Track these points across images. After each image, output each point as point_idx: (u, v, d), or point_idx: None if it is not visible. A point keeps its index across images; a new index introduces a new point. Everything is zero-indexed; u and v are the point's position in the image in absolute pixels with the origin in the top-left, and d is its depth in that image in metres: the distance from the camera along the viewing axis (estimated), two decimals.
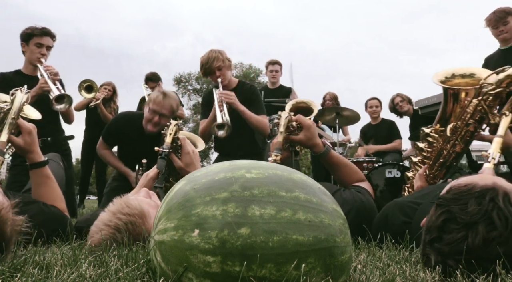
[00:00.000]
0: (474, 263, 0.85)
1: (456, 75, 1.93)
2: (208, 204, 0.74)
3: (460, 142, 1.76)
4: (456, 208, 0.91)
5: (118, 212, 1.22)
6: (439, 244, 0.91)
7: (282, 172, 0.83)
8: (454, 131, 1.76)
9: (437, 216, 0.93)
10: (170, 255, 0.74)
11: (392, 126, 4.86)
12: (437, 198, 1.35)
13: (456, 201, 0.93)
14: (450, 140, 1.79)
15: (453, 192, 0.97)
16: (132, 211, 1.23)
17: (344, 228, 0.81)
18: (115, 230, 1.19)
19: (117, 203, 1.27)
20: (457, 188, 0.97)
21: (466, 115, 1.68)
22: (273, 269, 0.70)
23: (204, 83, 29.16)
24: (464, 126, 1.71)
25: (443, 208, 0.93)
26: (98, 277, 0.82)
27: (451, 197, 0.95)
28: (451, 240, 0.89)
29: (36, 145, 1.67)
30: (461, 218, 0.89)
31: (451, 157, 1.83)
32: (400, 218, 1.42)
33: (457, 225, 0.89)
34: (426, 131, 1.96)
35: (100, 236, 1.18)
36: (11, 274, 0.84)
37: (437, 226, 0.92)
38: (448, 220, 0.91)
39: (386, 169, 3.89)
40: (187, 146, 1.91)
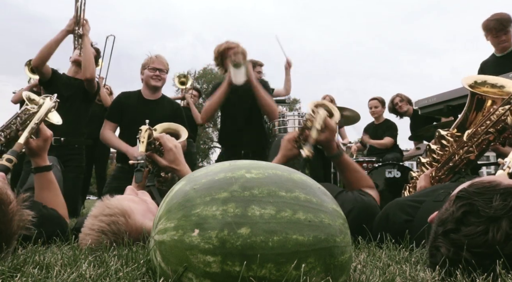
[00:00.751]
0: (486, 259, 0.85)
1: (487, 83, 1.90)
2: (208, 204, 0.74)
3: (475, 149, 1.73)
4: (479, 202, 0.90)
5: (100, 215, 1.23)
6: (456, 235, 0.90)
7: (282, 172, 0.83)
8: (471, 138, 1.72)
9: (457, 207, 0.92)
10: (170, 255, 0.74)
11: (389, 127, 4.84)
12: (440, 196, 1.35)
13: (480, 195, 0.91)
14: (465, 146, 1.76)
15: (476, 186, 0.95)
16: (112, 211, 1.23)
17: (344, 228, 0.81)
18: (100, 232, 1.19)
19: (98, 206, 1.27)
20: (481, 183, 0.96)
21: (488, 123, 1.65)
22: (273, 269, 0.70)
23: (204, 83, 29.15)
24: (484, 134, 1.67)
25: (464, 201, 0.92)
26: (98, 277, 0.82)
27: (474, 190, 0.94)
28: (470, 232, 0.88)
29: (46, 151, 1.72)
30: (485, 211, 0.88)
31: (462, 162, 1.80)
32: (402, 217, 1.42)
33: (479, 218, 0.88)
34: (442, 134, 1.93)
35: (87, 241, 1.18)
36: (11, 274, 0.84)
37: (455, 218, 0.91)
38: (468, 213, 0.90)
39: (386, 169, 3.90)
40: (167, 142, 1.84)
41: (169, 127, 2.50)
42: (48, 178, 1.69)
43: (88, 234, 1.20)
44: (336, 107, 2.32)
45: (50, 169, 1.70)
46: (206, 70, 29.44)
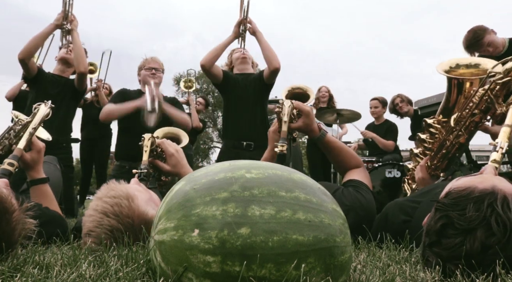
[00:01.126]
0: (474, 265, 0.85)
1: (461, 65, 1.91)
2: (208, 204, 0.74)
3: (464, 132, 1.73)
4: (454, 213, 0.91)
5: (104, 196, 1.24)
6: (438, 248, 0.91)
7: (282, 172, 0.83)
8: (458, 122, 1.73)
9: (436, 220, 0.93)
10: (170, 255, 0.74)
11: (390, 128, 4.86)
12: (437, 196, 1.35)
13: (455, 206, 0.92)
14: (453, 131, 1.76)
15: (451, 196, 0.96)
16: (117, 193, 1.24)
17: (344, 228, 0.81)
18: (102, 214, 1.20)
19: (103, 189, 1.28)
20: (456, 192, 0.96)
21: (471, 105, 1.65)
22: (273, 269, 0.70)
23: (204, 83, 29.14)
24: (469, 116, 1.68)
25: (441, 213, 0.93)
26: (98, 277, 0.82)
27: (450, 201, 0.95)
28: (449, 245, 0.89)
29: (41, 163, 1.70)
30: (459, 224, 0.89)
31: (454, 148, 1.80)
32: (401, 217, 1.42)
33: (455, 230, 0.89)
34: (428, 122, 1.94)
35: (90, 223, 1.19)
36: (11, 274, 0.84)
37: (435, 231, 0.92)
38: (446, 225, 0.91)
39: (386, 169, 3.90)
40: (169, 148, 1.86)
41: (169, 131, 2.50)
42: (43, 190, 1.68)
43: (91, 215, 1.21)
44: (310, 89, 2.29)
45: (45, 181, 1.70)
46: None
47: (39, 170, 1.69)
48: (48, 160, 2.29)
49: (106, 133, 5.16)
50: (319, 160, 4.70)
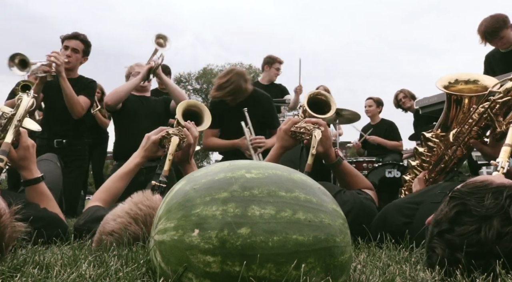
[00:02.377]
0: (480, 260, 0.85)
1: (460, 81, 1.91)
2: (208, 204, 0.74)
3: (463, 148, 1.75)
4: (472, 201, 0.90)
5: (140, 203, 1.22)
6: (450, 235, 0.90)
7: (282, 172, 0.83)
8: (457, 137, 1.75)
9: (451, 208, 0.92)
10: (170, 255, 0.74)
11: (391, 128, 4.88)
12: (437, 197, 1.35)
13: (472, 194, 0.92)
14: (452, 146, 1.79)
15: (469, 186, 0.96)
16: (153, 204, 1.22)
17: (344, 228, 0.81)
18: (133, 219, 1.18)
19: (139, 194, 1.27)
20: (473, 183, 0.96)
21: (471, 122, 1.68)
22: (273, 269, 0.70)
23: (204, 83, 29.17)
24: (468, 133, 1.70)
25: (457, 200, 0.93)
26: (98, 277, 0.82)
27: (467, 190, 0.94)
28: (463, 231, 0.88)
29: (33, 162, 1.62)
30: (477, 211, 0.88)
31: (452, 162, 1.83)
32: (399, 219, 1.42)
33: (471, 217, 0.88)
34: (427, 136, 1.96)
35: (116, 224, 1.18)
36: (11, 274, 0.84)
37: (449, 218, 0.91)
38: (461, 212, 0.90)
39: (386, 169, 3.89)
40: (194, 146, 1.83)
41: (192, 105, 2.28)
42: (39, 190, 1.62)
43: (120, 216, 1.20)
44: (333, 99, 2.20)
45: (39, 181, 1.62)
46: (206, 70, 29.46)
47: (31, 168, 1.60)
48: (48, 158, 2.26)
49: (102, 138, 5.18)
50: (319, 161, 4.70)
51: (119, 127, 3.16)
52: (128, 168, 1.82)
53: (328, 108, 2.17)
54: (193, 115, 2.21)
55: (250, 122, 2.95)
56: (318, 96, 2.18)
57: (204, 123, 2.23)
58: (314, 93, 2.19)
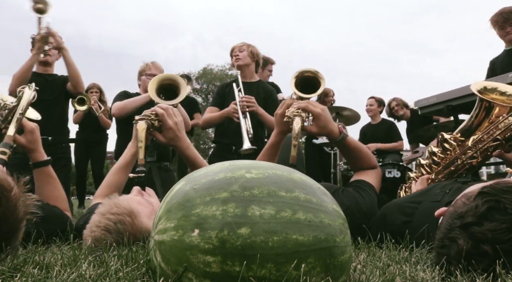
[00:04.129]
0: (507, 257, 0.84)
1: (496, 91, 1.87)
2: (208, 204, 0.74)
3: (480, 155, 1.72)
4: (507, 199, 0.89)
5: (107, 213, 1.23)
6: (478, 228, 0.89)
7: (282, 172, 0.83)
8: (476, 143, 1.71)
9: (482, 202, 0.91)
10: (170, 255, 0.74)
11: (392, 127, 4.90)
12: (437, 196, 1.35)
13: (508, 193, 0.91)
14: (468, 151, 1.75)
15: (503, 184, 0.94)
16: (120, 210, 1.23)
17: (344, 228, 0.81)
18: (105, 231, 1.20)
19: (106, 203, 1.27)
20: (507, 183, 0.95)
21: (494, 131, 1.65)
22: (273, 269, 0.70)
23: (204, 83, 29.16)
24: (490, 141, 1.67)
25: (490, 196, 0.91)
26: (98, 277, 0.82)
27: (502, 187, 0.93)
28: (494, 227, 0.87)
29: (39, 144, 1.69)
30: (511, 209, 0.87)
31: (464, 167, 1.79)
32: (400, 218, 1.42)
33: (505, 215, 0.87)
34: (445, 137, 1.91)
35: (92, 238, 1.18)
36: (11, 274, 0.84)
37: (479, 212, 0.90)
38: (494, 209, 0.89)
39: (386, 169, 3.89)
40: (168, 120, 1.70)
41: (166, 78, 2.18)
42: (47, 173, 1.68)
43: (93, 230, 1.21)
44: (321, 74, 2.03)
45: (48, 163, 1.69)
46: (206, 70, 29.46)
47: (40, 151, 1.68)
48: None
49: (102, 138, 5.19)
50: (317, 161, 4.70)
51: (121, 127, 3.16)
52: (125, 159, 1.81)
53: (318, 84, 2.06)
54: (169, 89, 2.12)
55: (242, 85, 2.97)
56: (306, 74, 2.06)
57: (181, 94, 2.12)
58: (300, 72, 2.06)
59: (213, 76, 28.45)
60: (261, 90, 3.16)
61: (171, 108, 1.75)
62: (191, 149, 1.78)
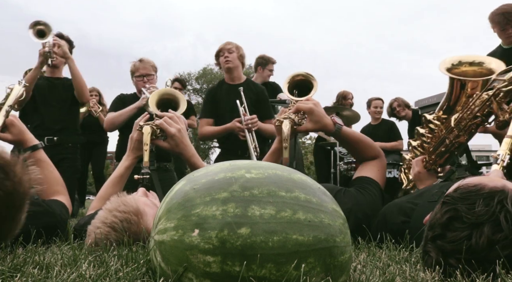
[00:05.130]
0: (474, 263, 0.85)
1: (464, 63, 1.86)
2: (208, 204, 0.74)
3: (464, 133, 1.72)
4: (463, 207, 0.90)
5: (114, 210, 1.23)
6: (441, 241, 0.90)
7: (282, 172, 0.83)
8: (459, 122, 1.72)
9: (443, 213, 0.92)
10: (170, 255, 0.74)
11: (392, 127, 4.92)
12: (433, 197, 1.35)
13: (464, 200, 0.91)
14: (453, 130, 1.76)
15: (461, 191, 0.95)
16: (127, 208, 1.23)
17: (344, 228, 0.81)
18: (110, 228, 1.19)
19: (113, 201, 1.27)
20: (465, 187, 0.95)
21: (473, 108, 1.65)
22: (273, 269, 0.70)
23: (204, 83, 29.16)
24: (471, 118, 1.67)
25: (449, 206, 0.92)
26: (98, 277, 0.82)
27: (459, 195, 0.93)
28: (454, 238, 0.87)
29: (25, 132, 1.71)
30: (467, 217, 0.88)
31: (453, 146, 1.80)
32: (399, 218, 1.42)
33: (462, 224, 0.88)
34: (428, 118, 1.92)
35: (98, 235, 1.18)
36: (11, 274, 0.84)
37: (441, 223, 0.91)
38: (453, 218, 0.90)
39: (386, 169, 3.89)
40: (169, 128, 1.74)
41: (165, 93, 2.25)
42: (38, 157, 1.69)
43: (98, 227, 1.20)
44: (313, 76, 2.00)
45: (38, 148, 1.71)
46: (206, 70, 29.47)
47: (27, 138, 1.70)
48: None
49: (103, 139, 5.20)
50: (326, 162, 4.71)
51: (122, 128, 3.16)
52: (120, 172, 1.83)
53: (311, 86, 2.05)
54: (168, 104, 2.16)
55: (245, 102, 2.98)
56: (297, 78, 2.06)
57: (180, 109, 2.16)
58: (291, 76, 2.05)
59: (213, 76, 28.46)
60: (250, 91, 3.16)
61: (174, 116, 1.80)
62: (196, 156, 1.81)
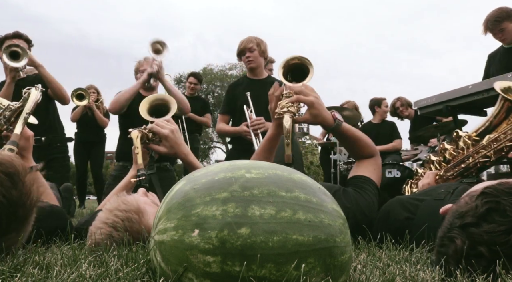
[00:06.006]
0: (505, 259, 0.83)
1: None
2: (208, 204, 0.74)
3: (493, 155, 1.69)
4: (507, 201, 0.88)
5: (115, 209, 1.24)
6: (476, 229, 0.88)
7: (282, 172, 0.83)
8: (492, 142, 1.69)
9: (482, 203, 0.90)
10: (170, 255, 0.74)
11: (394, 128, 4.95)
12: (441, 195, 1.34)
13: (509, 195, 0.90)
14: (482, 150, 1.72)
15: (505, 185, 0.93)
16: (128, 207, 1.24)
17: (344, 228, 0.81)
18: (112, 227, 1.20)
19: (114, 201, 1.28)
20: (510, 184, 0.94)
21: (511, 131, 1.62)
22: (273, 269, 0.70)
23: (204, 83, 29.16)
24: (506, 141, 1.64)
25: (490, 197, 0.91)
26: (98, 277, 0.82)
27: (504, 189, 0.92)
28: (492, 229, 0.86)
29: (30, 151, 1.69)
30: (511, 211, 0.86)
31: (475, 166, 1.76)
32: (403, 213, 1.41)
33: (504, 217, 0.87)
34: (460, 134, 1.88)
35: (99, 235, 1.18)
36: (11, 274, 0.84)
37: (479, 213, 0.89)
38: (493, 210, 0.89)
39: (386, 169, 3.90)
40: (161, 131, 1.78)
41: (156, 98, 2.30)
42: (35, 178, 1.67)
43: (100, 227, 1.21)
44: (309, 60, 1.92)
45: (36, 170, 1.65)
46: (206, 70, 29.48)
47: (29, 158, 1.68)
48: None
49: (101, 138, 5.20)
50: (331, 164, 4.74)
51: (123, 127, 3.15)
52: (125, 182, 1.85)
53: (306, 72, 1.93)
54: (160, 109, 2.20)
55: (252, 106, 2.99)
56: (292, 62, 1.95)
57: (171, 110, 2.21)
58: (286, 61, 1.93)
59: (213, 76, 28.48)
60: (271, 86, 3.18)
61: (162, 120, 1.84)
62: (192, 155, 1.83)
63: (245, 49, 3.16)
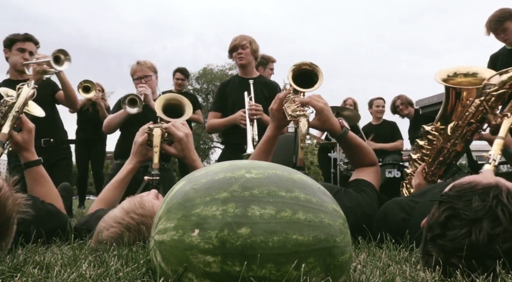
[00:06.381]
0: (475, 262, 0.85)
1: (459, 74, 1.91)
2: (208, 204, 0.74)
3: (461, 141, 1.76)
4: (459, 205, 0.90)
5: (132, 211, 1.22)
6: (442, 240, 0.90)
7: (282, 172, 0.83)
8: (454, 131, 1.76)
9: (440, 212, 0.92)
10: (170, 255, 0.74)
11: (394, 128, 4.94)
12: (435, 196, 1.35)
13: (460, 198, 0.92)
14: (450, 139, 1.80)
15: (456, 189, 0.96)
16: (146, 212, 1.22)
17: (344, 228, 0.81)
18: (126, 228, 1.19)
19: (131, 201, 1.26)
20: (460, 186, 0.96)
21: (467, 115, 1.68)
22: (273, 269, 0.70)
23: (204, 83, 29.16)
24: (465, 125, 1.70)
25: (446, 205, 0.93)
26: (98, 277, 0.82)
27: (454, 193, 0.94)
28: (454, 236, 0.88)
29: (32, 144, 1.68)
30: (465, 214, 0.88)
31: (451, 155, 1.84)
32: (400, 215, 1.42)
33: (461, 221, 0.88)
34: (426, 129, 1.96)
35: (111, 233, 1.18)
36: (11, 274, 0.84)
37: (440, 223, 0.91)
38: (451, 217, 0.90)
39: (386, 169, 3.89)
40: (177, 132, 1.79)
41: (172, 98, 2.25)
42: (39, 173, 1.67)
43: (113, 226, 1.20)
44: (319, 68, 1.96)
45: (40, 163, 1.68)
46: (206, 70, 29.47)
47: (32, 150, 1.67)
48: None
49: (102, 136, 5.20)
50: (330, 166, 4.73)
51: (123, 126, 3.15)
52: (121, 176, 1.85)
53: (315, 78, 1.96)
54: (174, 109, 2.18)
55: (256, 96, 3.00)
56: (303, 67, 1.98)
57: (186, 114, 2.18)
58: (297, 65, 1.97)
59: (213, 76, 28.46)
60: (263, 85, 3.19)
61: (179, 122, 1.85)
62: (199, 162, 1.86)
63: (238, 45, 3.17)
